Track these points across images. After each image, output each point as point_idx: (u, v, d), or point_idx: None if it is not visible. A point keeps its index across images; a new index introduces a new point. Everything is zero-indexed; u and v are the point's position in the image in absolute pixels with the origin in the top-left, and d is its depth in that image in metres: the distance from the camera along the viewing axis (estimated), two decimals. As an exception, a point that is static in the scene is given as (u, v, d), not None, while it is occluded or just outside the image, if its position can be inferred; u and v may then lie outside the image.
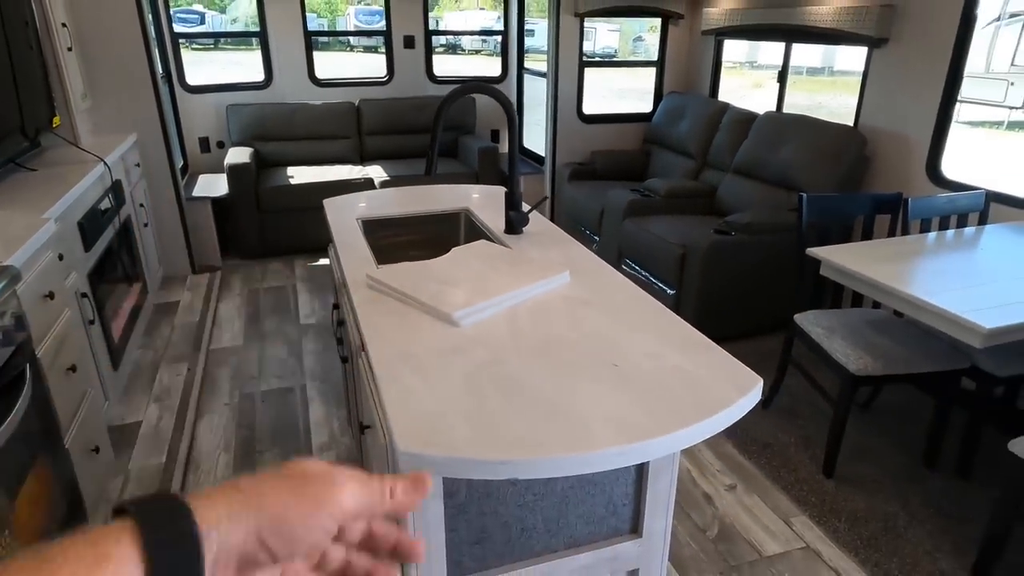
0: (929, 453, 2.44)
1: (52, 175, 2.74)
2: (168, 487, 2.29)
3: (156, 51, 3.80)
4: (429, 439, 1.00)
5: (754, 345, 3.30)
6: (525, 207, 2.03)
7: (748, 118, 3.84)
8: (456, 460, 0.96)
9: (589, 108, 4.70)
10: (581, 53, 4.45)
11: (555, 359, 1.23)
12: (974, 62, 2.87)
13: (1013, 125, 12.92)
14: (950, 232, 2.56)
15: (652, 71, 4.75)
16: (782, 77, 3.86)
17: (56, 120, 3.20)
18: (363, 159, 5.05)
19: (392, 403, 1.09)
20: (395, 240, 2.17)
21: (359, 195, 2.35)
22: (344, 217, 2.07)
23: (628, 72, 4.79)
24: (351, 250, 1.79)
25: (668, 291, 3.38)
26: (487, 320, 1.38)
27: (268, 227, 4.39)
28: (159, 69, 3.91)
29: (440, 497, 1.15)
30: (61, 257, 2.23)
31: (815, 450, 2.53)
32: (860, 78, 3.31)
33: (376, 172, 4.69)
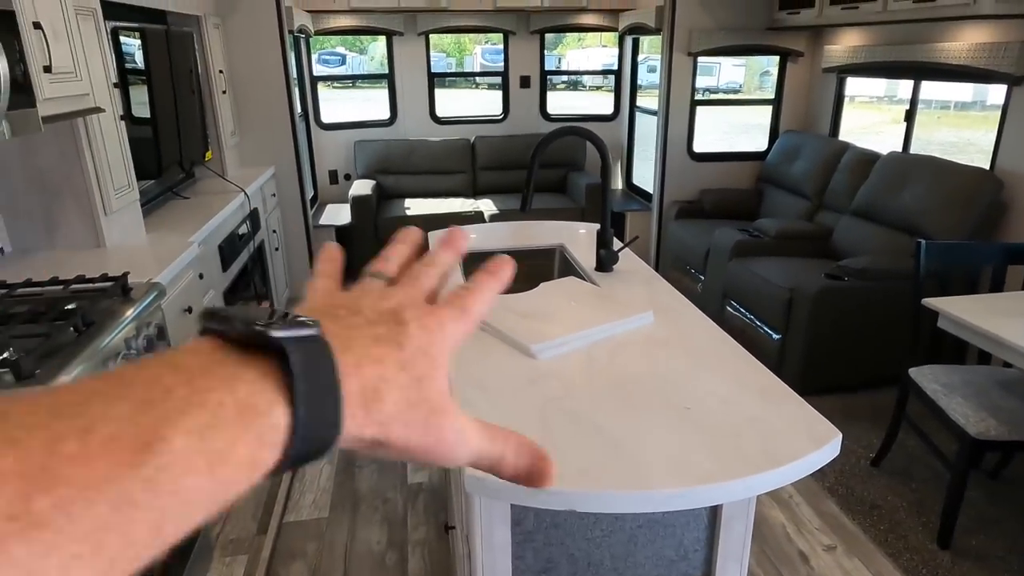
0: (1067, 533, 2.18)
1: (201, 203, 3.09)
2: (275, 493, 2.48)
3: (296, 93, 4.20)
4: (495, 465, 1.05)
5: (866, 398, 3.10)
6: (617, 244, 2.07)
7: (870, 158, 3.66)
8: (518, 488, 1.01)
9: (704, 145, 4.66)
10: (693, 91, 4.43)
11: (627, 397, 1.25)
12: None
13: None
14: (1099, 287, 2.31)
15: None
16: (909, 116, 3.64)
17: (208, 154, 3.62)
18: (475, 193, 5.27)
19: (465, 428, 1.15)
20: (492, 273, 2.26)
21: (462, 228, 2.48)
22: (445, 249, 2.19)
23: (752, 108, 4.70)
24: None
25: (773, 336, 3.25)
26: (565, 354, 1.42)
27: (384, 255, 4.66)
28: (298, 109, 4.32)
29: (507, 523, 1.20)
30: (201, 276, 2.52)
31: (929, 517, 2.33)
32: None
33: (487, 206, 4.88)
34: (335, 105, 6.42)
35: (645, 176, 5.20)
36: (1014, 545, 2.20)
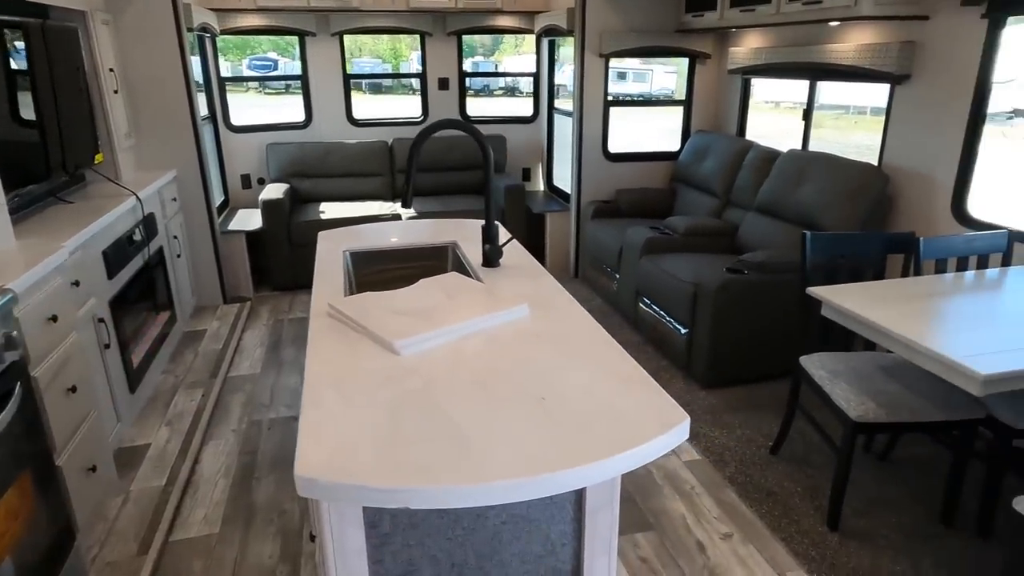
0: (946, 509, 2.28)
1: (86, 208, 2.92)
2: (162, 510, 2.35)
3: (197, 94, 4.03)
4: (329, 465, 1.00)
5: (769, 388, 3.18)
6: (505, 236, 2.05)
7: (771, 156, 3.78)
8: (349, 487, 0.96)
9: (635, 147, 4.73)
10: (606, 92, 4.49)
11: (486, 391, 1.22)
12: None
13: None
14: (969, 273, 2.43)
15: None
16: (807, 115, 3.78)
17: (99, 157, 3.42)
18: (395, 196, 5.19)
19: (308, 428, 1.10)
20: (385, 273, 2.21)
21: (356, 228, 2.42)
22: (332, 249, 2.13)
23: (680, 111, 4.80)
24: (328, 280, 1.84)
25: (681, 331, 3.31)
26: (431, 350, 1.38)
27: (299, 260, 4.54)
28: (201, 111, 4.15)
29: (360, 526, 1.15)
30: (77, 283, 2.37)
31: (822, 501, 2.40)
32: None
33: (405, 208, 4.80)
34: (268, 111, 6.18)
35: (566, 177, 5.22)
36: (898, 524, 2.28)
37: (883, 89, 3.21)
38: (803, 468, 2.60)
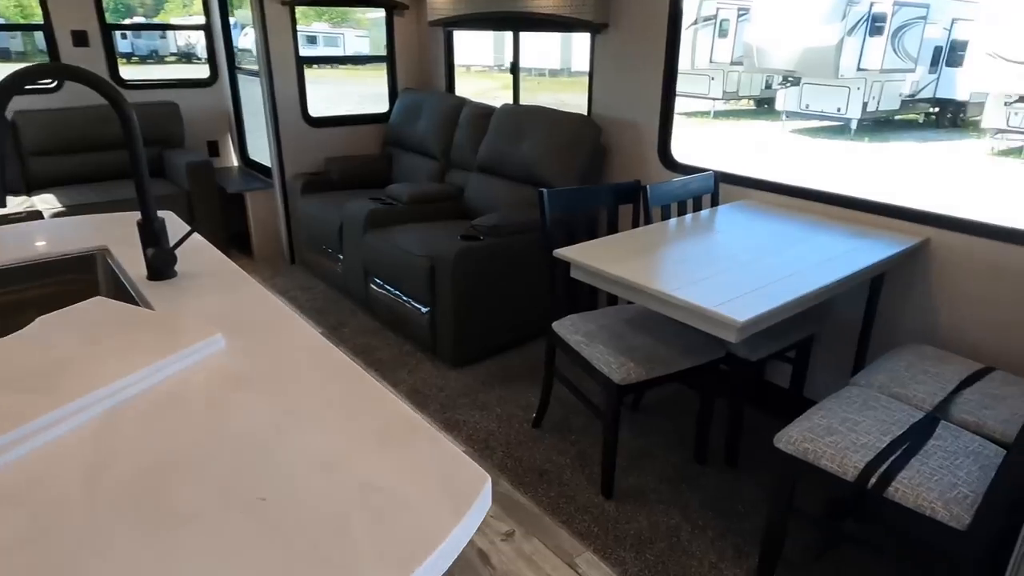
0: (699, 448, 2.34)
1: None
2: None
3: None
4: None
5: (522, 355, 3.05)
6: (182, 230, 1.47)
7: (486, 112, 3.60)
8: None
9: (325, 110, 4.17)
10: (296, 47, 3.89)
11: (157, 504, 0.73)
12: (682, 59, 2.89)
13: (719, 114, 14.98)
14: (688, 216, 2.49)
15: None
16: (514, 69, 3.67)
17: None
18: (29, 188, 3.96)
19: None
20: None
21: (-68, 244, 1.60)
22: None
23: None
24: None
25: (422, 310, 2.99)
26: (53, 446, 0.82)
27: None
28: None
29: None
30: None
31: (592, 467, 2.30)
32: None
33: (47, 202, 3.68)
34: None
35: (264, 149, 4.51)
36: (662, 474, 2.28)
37: (557, 53, 3.19)
38: (567, 436, 2.50)
